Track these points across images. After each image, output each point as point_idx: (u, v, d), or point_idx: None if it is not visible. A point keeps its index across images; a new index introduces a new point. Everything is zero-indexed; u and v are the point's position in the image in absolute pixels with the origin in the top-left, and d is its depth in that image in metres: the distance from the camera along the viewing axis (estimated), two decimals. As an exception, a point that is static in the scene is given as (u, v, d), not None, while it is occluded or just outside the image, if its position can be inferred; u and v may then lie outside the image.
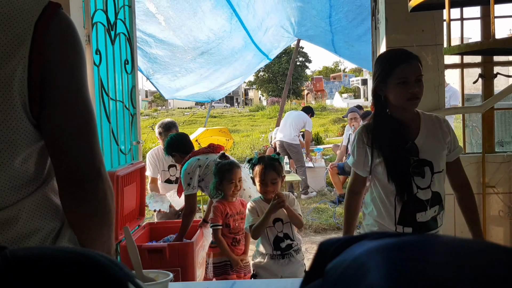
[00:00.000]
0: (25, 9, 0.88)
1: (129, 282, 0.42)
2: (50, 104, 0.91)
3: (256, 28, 6.83)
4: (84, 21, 2.78)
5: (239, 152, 11.11)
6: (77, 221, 0.99)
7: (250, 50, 7.30)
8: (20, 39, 0.86)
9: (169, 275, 1.13)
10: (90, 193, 0.96)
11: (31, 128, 0.90)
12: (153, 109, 35.62)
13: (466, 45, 1.82)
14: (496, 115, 3.43)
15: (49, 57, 0.89)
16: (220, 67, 7.47)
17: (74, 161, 0.94)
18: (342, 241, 0.41)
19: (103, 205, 0.99)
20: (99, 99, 3.00)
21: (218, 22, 6.30)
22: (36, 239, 0.92)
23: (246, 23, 6.54)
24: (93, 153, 0.96)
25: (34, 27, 0.88)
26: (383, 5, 3.23)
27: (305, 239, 5.16)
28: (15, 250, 0.41)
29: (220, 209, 2.92)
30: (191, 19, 6.00)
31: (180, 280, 3.06)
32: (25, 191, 0.92)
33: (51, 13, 0.91)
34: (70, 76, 0.93)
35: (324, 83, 46.41)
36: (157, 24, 5.80)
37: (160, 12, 5.66)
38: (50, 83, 0.90)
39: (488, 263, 0.33)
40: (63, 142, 0.93)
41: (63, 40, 0.92)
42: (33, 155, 0.93)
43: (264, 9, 6.63)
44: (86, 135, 0.95)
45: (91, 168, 0.95)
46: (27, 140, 0.90)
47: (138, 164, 3.47)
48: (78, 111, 0.94)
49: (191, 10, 5.88)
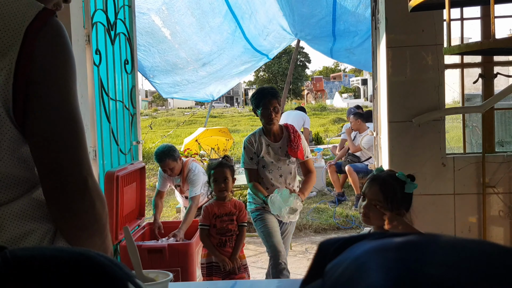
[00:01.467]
0: (17, 14, 0.86)
1: (129, 282, 0.42)
2: (33, 111, 0.88)
3: (257, 35, 6.89)
4: (84, 21, 2.78)
5: (239, 152, 11.10)
6: (66, 232, 0.97)
7: (249, 54, 7.36)
8: (9, 43, 0.85)
9: (169, 275, 1.13)
10: (75, 204, 0.93)
11: (15, 132, 0.88)
12: (153, 109, 35.61)
13: (466, 45, 1.82)
14: (496, 115, 3.43)
15: (36, 64, 0.87)
16: (219, 76, 7.54)
17: (57, 171, 0.91)
18: (342, 241, 0.41)
19: (90, 216, 0.95)
20: (99, 99, 3.00)
21: (223, 36, 6.38)
22: (31, 240, 0.91)
23: (248, 33, 6.60)
24: (78, 163, 0.93)
25: (24, 32, 0.86)
26: (383, 5, 3.23)
27: (305, 239, 5.16)
28: (15, 250, 0.41)
29: (208, 210, 2.92)
30: (197, 34, 6.08)
31: (180, 280, 3.06)
32: (16, 192, 0.91)
33: (43, 20, 0.89)
34: (57, 85, 0.91)
35: (324, 83, 46.43)
36: (163, 37, 5.87)
37: (167, 26, 5.72)
38: (35, 91, 0.88)
39: (488, 263, 0.33)
40: (45, 151, 0.91)
41: (53, 47, 0.90)
42: (21, 158, 0.91)
43: (266, 18, 6.68)
44: (71, 145, 0.92)
45: (77, 179, 0.92)
46: (12, 143, 0.88)
47: (138, 164, 3.47)
48: (63, 120, 0.91)
49: (198, 25, 5.96)
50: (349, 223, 5.58)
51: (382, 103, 3.39)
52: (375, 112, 3.73)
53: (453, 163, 3.22)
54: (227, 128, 10.64)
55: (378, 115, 3.59)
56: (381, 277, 0.32)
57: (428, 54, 3.16)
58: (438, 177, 3.22)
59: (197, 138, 8.56)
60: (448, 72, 3.31)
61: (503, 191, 3.21)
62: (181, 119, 22.15)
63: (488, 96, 3.27)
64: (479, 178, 3.21)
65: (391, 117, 3.23)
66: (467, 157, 3.25)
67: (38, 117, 0.89)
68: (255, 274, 4.21)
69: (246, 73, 8.56)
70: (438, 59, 3.16)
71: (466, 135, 3.49)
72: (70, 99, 0.93)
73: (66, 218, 0.94)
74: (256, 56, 7.65)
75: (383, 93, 3.32)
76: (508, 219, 3.23)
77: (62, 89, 0.92)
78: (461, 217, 3.23)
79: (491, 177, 3.21)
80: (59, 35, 0.92)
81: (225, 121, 21.38)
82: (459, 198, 3.22)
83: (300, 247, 4.90)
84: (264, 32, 6.97)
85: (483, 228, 3.21)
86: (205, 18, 5.94)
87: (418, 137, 3.21)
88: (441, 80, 3.18)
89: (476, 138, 3.66)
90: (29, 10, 0.88)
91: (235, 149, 11.29)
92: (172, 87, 7.18)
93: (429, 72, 3.16)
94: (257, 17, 6.46)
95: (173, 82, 7.02)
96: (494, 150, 3.31)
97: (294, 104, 28.37)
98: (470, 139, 3.72)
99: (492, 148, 3.31)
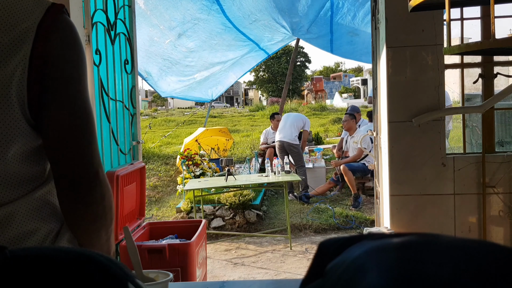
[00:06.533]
0: (27, 10, 0.88)
1: (129, 282, 0.42)
2: (48, 105, 0.90)
3: (240, 17, 6.81)
4: (84, 21, 2.78)
5: (239, 152, 11.09)
6: (75, 223, 0.98)
7: (232, 34, 7.24)
8: (21, 39, 0.86)
9: (169, 275, 1.13)
10: (87, 196, 0.95)
11: (28, 128, 0.90)
12: (153, 109, 35.60)
13: (466, 45, 1.82)
14: (496, 115, 3.43)
15: (50, 59, 0.89)
16: (209, 64, 7.49)
17: (71, 164, 0.93)
18: (342, 241, 0.41)
19: (101, 208, 0.98)
20: (99, 99, 3.00)
21: (196, 5, 6.33)
22: (35, 240, 0.92)
23: (228, 11, 6.55)
24: (91, 156, 0.95)
25: (37, 28, 0.87)
26: (383, 5, 3.23)
27: (305, 239, 5.16)
28: (15, 250, 0.41)
29: None
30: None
31: (180, 280, 3.06)
32: (21, 190, 0.91)
33: (54, 15, 0.90)
34: (70, 78, 0.92)
35: (324, 83, 46.40)
36: (138, 8, 5.86)
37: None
38: (49, 85, 0.89)
39: (488, 263, 0.33)
40: (60, 144, 0.92)
41: (65, 42, 0.92)
42: (31, 155, 0.92)
43: (254, 5, 6.63)
44: (84, 137, 0.94)
45: (89, 171, 0.95)
46: (22, 140, 0.89)
47: (138, 164, 3.47)
48: (76, 113, 0.93)
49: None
50: (349, 223, 5.58)
51: (382, 103, 3.40)
52: (375, 112, 3.73)
53: (453, 163, 3.22)
54: (227, 128, 10.63)
55: (378, 115, 3.59)
56: (381, 277, 0.32)
57: (428, 54, 3.16)
58: (438, 177, 3.22)
59: (197, 138, 8.56)
60: (448, 72, 3.31)
61: (503, 191, 3.21)
62: (181, 119, 22.13)
63: (488, 96, 3.27)
64: (479, 178, 3.21)
65: (391, 117, 3.23)
66: (467, 157, 3.25)
67: (53, 111, 0.91)
68: (255, 274, 4.21)
69: (241, 67, 8.47)
70: (438, 59, 3.16)
71: (466, 135, 3.49)
72: (84, 92, 0.95)
73: (78, 210, 0.96)
74: (242, 40, 7.51)
75: (383, 93, 3.32)
76: (508, 219, 3.23)
77: (76, 83, 0.93)
78: (461, 217, 3.24)
79: (491, 177, 3.21)
80: (70, 30, 0.93)
81: (225, 121, 21.36)
82: (459, 198, 3.22)
83: (300, 247, 4.90)
84: (251, 17, 6.89)
85: (483, 228, 3.21)
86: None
87: (418, 137, 3.21)
88: (441, 80, 3.18)
89: (476, 138, 3.66)
90: (39, 5, 0.89)
91: (235, 149, 11.28)
92: (162, 71, 7.15)
93: (429, 72, 3.16)
94: (242, 1, 6.43)
95: (158, 65, 6.97)
96: (494, 150, 3.31)
97: (294, 105, 28.39)
98: (470, 139, 3.72)
99: (492, 148, 3.32)
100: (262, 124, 18.58)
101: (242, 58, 8.09)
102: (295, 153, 7.04)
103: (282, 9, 6.75)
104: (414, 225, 3.23)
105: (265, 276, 4.11)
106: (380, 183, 3.54)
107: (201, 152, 7.62)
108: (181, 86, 8.08)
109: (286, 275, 4.13)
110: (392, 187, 3.26)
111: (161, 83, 7.58)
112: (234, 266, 4.46)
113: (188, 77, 7.83)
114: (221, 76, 8.40)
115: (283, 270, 4.27)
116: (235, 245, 5.13)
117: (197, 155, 7.18)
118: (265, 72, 42.78)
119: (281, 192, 7.00)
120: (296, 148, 7.06)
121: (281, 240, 5.16)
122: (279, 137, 7.12)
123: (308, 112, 22.61)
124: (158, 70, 7.18)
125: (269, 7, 6.70)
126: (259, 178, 5.36)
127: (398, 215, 3.26)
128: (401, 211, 3.25)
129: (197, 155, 7.13)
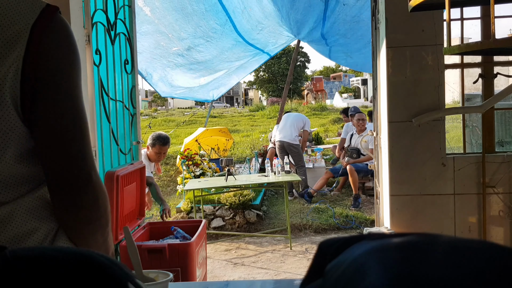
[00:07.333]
0: (21, 11, 0.87)
1: (129, 282, 0.42)
2: (40, 107, 0.89)
3: (249, 30, 6.84)
4: (84, 21, 2.78)
5: (239, 152, 11.09)
6: (69, 227, 0.97)
7: (241, 47, 7.28)
8: (15, 40, 0.86)
9: (169, 275, 1.13)
10: (79, 200, 0.94)
11: (24, 129, 0.89)
12: (153, 109, 35.60)
13: (466, 45, 1.82)
14: (496, 115, 3.43)
15: (43, 60, 0.88)
16: (215, 71, 7.50)
17: (63, 166, 0.92)
18: (342, 241, 0.41)
19: (94, 211, 0.97)
20: (99, 99, 3.00)
21: (210, 24, 6.35)
22: (34, 239, 0.92)
23: (240, 27, 6.57)
24: (82, 158, 0.94)
25: (30, 29, 0.87)
26: (383, 5, 3.23)
27: (305, 239, 5.16)
28: (15, 250, 0.41)
29: None
30: (178, 11, 6.04)
31: (180, 280, 3.06)
32: (20, 190, 0.91)
33: (48, 16, 0.90)
34: (63, 80, 0.92)
35: (324, 83, 46.38)
36: (143, 15, 5.85)
37: (146, 3, 5.74)
38: (39, 86, 0.89)
39: (488, 263, 0.33)
40: (51, 146, 0.91)
41: (59, 43, 0.91)
42: (29, 155, 0.92)
43: (262, 14, 6.65)
44: (73, 139, 0.93)
45: (79, 174, 0.93)
46: (20, 140, 0.89)
47: (138, 164, 3.47)
48: (64, 114, 0.92)
49: (179, 4, 5.92)
50: (349, 223, 5.58)
51: (382, 103, 3.40)
52: (375, 112, 3.73)
53: (453, 163, 3.22)
54: (227, 128, 10.63)
55: (378, 115, 3.59)
56: (381, 277, 0.32)
57: (428, 54, 3.16)
58: (438, 177, 3.22)
59: (197, 138, 8.56)
60: (448, 72, 3.31)
61: (503, 191, 3.21)
62: (181, 119, 22.14)
63: (488, 96, 3.27)
64: (479, 178, 3.21)
65: (391, 117, 3.23)
66: (467, 157, 3.25)
67: (46, 111, 0.90)
68: (255, 274, 4.21)
69: (244, 70, 8.50)
70: (438, 59, 3.16)
71: (466, 135, 3.49)
72: (77, 93, 0.94)
73: (70, 212, 0.95)
74: (250, 51, 7.55)
75: (383, 93, 3.32)
76: (508, 219, 3.23)
77: (69, 83, 0.93)
78: (461, 217, 3.24)
79: (491, 177, 3.21)
80: (64, 31, 0.93)
81: (225, 121, 21.36)
82: (459, 198, 3.22)
83: (300, 247, 4.90)
84: (258, 27, 6.92)
85: (483, 228, 3.21)
86: (189, 2, 5.91)
87: (418, 137, 3.21)
88: (441, 80, 3.18)
89: (476, 138, 3.66)
90: (33, 7, 0.89)
91: (235, 149, 11.28)
92: (166, 72, 7.14)
93: (429, 72, 3.16)
94: (250, 13, 6.42)
95: (161, 67, 6.96)
96: (494, 150, 3.31)
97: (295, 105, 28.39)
98: (470, 139, 3.72)
99: (492, 148, 3.32)
100: (262, 124, 18.58)
101: (246, 63, 8.12)
102: (295, 153, 7.04)
103: (286, 15, 6.76)
104: (414, 225, 3.23)
105: (265, 276, 4.11)
106: (380, 183, 3.54)
107: (201, 152, 7.63)
108: (184, 88, 8.08)
109: (286, 275, 4.13)
110: (392, 187, 3.26)
111: (162, 84, 7.57)
112: (234, 266, 4.46)
113: (192, 80, 7.83)
114: (224, 79, 8.41)
115: (283, 270, 4.27)
116: (235, 245, 5.13)
117: (197, 155, 7.18)
118: (265, 72, 42.78)
119: (281, 192, 7.00)
120: (296, 148, 7.06)
121: (281, 240, 5.16)
122: (279, 137, 7.12)
123: (308, 112, 22.59)
124: (161, 71, 7.16)
125: (273, 13, 6.72)
126: (259, 178, 5.36)
127: (398, 215, 3.26)
128: (401, 211, 3.25)
129: (197, 155, 7.13)
